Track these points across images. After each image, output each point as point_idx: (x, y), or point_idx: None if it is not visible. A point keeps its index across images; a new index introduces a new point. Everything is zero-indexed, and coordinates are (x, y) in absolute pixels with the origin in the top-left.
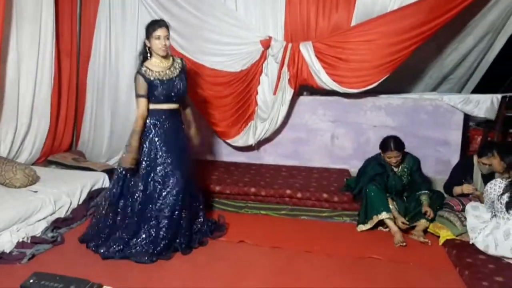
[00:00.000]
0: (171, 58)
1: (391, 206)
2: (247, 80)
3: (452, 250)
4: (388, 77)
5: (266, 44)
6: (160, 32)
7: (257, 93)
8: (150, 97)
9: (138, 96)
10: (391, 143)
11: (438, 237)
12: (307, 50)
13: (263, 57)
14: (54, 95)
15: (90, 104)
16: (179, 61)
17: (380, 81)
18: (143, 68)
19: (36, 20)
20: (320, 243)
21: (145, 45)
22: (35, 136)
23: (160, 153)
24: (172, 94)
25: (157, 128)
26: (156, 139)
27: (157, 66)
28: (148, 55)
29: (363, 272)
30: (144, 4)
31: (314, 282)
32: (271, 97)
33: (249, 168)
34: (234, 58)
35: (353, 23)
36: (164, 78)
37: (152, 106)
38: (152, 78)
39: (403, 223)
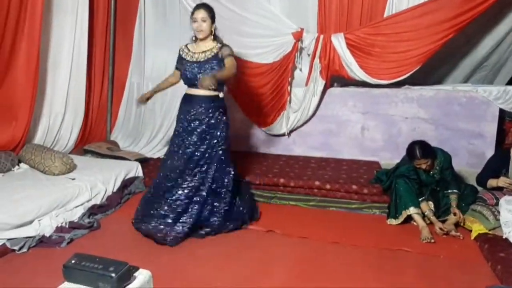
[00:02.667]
0: (212, 43)
1: (427, 211)
2: (280, 71)
3: (485, 244)
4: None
5: (298, 36)
6: (196, 14)
7: (289, 84)
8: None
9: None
10: (417, 151)
11: (470, 231)
12: (338, 42)
13: (295, 48)
14: (88, 87)
15: (129, 96)
16: (217, 47)
17: (411, 72)
18: (183, 46)
19: (73, 12)
20: (349, 234)
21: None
22: (71, 125)
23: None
24: (193, 77)
25: (181, 112)
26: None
27: (195, 48)
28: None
29: (391, 263)
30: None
31: (341, 273)
32: (302, 88)
33: (278, 159)
34: (267, 50)
35: (386, 14)
36: (193, 60)
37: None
38: (183, 56)
39: (440, 228)
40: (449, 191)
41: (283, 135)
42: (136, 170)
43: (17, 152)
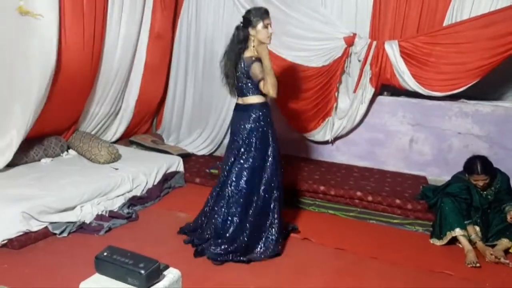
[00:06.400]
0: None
1: (473, 235)
2: (328, 76)
3: None
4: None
5: (350, 41)
6: (267, 20)
7: (336, 89)
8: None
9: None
10: (478, 166)
11: None
12: (392, 49)
13: (346, 54)
14: (144, 80)
15: (172, 89)
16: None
17: (468, 85)
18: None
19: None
20: (388, 250)
21: (247, 33)
22: (121, 116)
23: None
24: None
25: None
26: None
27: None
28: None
29: (432, 286)
30: None
31: None
32: (350, 94)
33: (320, 166)
34: (316, 53)
35: (446, 23)
36: None
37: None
38: None
39: (492, 255)
40: (507, 204)
41: (326, 142)
42: (177, 165)
43: (67, 138)
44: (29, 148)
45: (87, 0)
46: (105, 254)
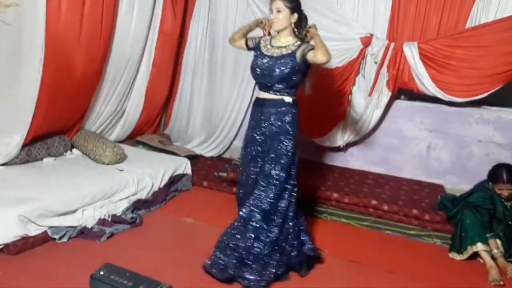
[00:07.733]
0: (291, 39)
1: (494, 250)
2: (342, 78)
3: None
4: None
5: (366, 42)
6: (272, 5)
7: (350, 92)
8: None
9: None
10: (504, 174)
11: None
12: (411, 51)
13: (362, 55)
14: (151, 78)
15: (181, 88)
16: (296, 44)
17: (491, 91)
18: (268, 36)
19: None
20: (405, 264)
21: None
22: (127, 115)
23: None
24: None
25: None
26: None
27: (275, 41)
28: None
29: None
30: None
31: None
32: (365, 98)
33: (332, 171)
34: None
35: (468, 25)
36: (267, 54)
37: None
38: (261, 44)
39: None
40: None
41: (338, 148)
42: (185, 167)
43: (71, 137)
44: (32, 146)
45: None
46: (101, 273)
